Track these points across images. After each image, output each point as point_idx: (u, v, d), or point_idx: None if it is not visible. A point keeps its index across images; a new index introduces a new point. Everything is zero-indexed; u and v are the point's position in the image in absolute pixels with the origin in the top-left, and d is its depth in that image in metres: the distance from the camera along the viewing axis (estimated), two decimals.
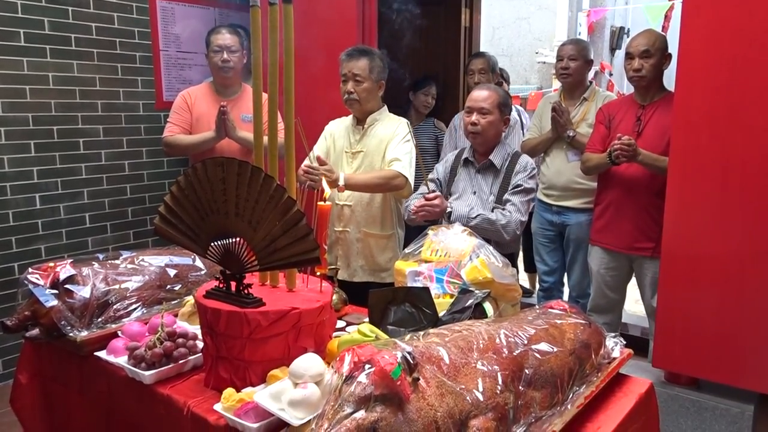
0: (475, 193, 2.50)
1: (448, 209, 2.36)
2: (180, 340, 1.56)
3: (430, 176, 2.65)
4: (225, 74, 3.11)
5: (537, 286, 3.88)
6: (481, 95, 2.47)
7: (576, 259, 3.35)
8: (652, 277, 2.72)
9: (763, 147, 2.14)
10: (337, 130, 2.77)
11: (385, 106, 2.73)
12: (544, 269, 3.50)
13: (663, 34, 2.78)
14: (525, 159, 2.50)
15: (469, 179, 2.54)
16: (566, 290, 3.65)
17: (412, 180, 2.59)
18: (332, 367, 1.02)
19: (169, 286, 1.94)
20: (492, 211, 2.40)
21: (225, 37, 3.08)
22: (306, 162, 2.44)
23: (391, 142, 2.61)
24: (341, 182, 2.44)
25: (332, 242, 2.75)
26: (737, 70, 2.16)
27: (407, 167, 2.57)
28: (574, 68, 3.24)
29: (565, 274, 3.52)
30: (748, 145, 2.17)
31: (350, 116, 2.74)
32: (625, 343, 1.56)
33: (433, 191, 2.41)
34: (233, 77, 3.16)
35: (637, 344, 2.12)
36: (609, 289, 2.92)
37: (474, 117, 2.45)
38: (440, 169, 2.65)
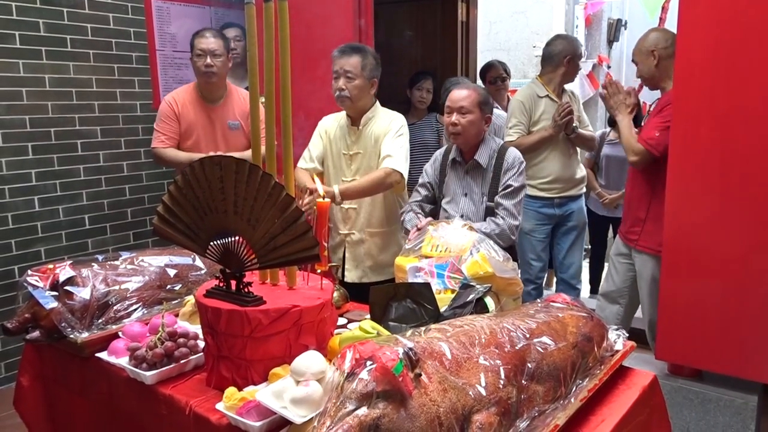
0: (466, 195, 2.47)
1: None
2: (181, 339, 1.55)
3: (421, 181, 2.62)
4: (208, 79, 3.02)
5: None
6: (460, 95, 2.43)
7: (576, 245, 3.45)
8: (638, 269, 2.74)
9: (763, 138, 2.13)
10: (332, 129, 2.74)
11: (377, 102, 2.70)
12: (540, 266, 3.49)
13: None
14: (512, 154, 2.46)
15: (458, 181, 2.51)
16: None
17: (406, 173, 2.57)
18: (334, 364, 1.02)
19: (169, 286, 1.93)
20: (487, 210, 2.40)
21: (209, 41, 2.98)
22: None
23: (385, 137, 2.59)
24: (338, 198, 2.45)
25: (337, 244, 2.74)
26: (736, 60, 2.15)
27: (401, 162, 2.54)
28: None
29: (562, 262, 3.55)
30: (748, 137, 2.16)
31: (343, 114, 2.72)
32: (627, 335, 1.55)
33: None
34: (217, 82, 3.06)
35: (640, 337, 2.12)
36: (618, 274, 2.92)
37: (454, 117, 2.41)
38: (429, 171, 2.61)
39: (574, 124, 3.24)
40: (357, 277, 2.72)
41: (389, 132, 2.60)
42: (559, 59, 3.31)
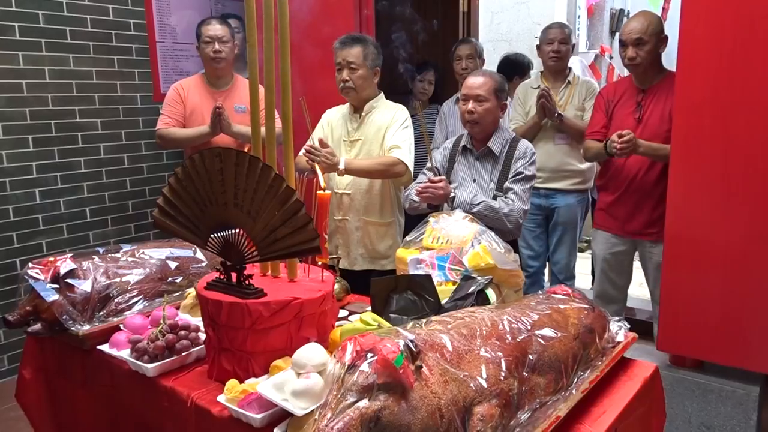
0: (474, 180, 2.47)
1: (452, 194, 2.34)
2: (182, 332, 1.55)
3: (428, 165, 2.63)
4: (216, 65, 3.11)
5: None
6: (476, 82, 2.42)
7: (563, 241, 3.39)
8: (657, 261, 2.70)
9: (765, 129, 2.12)
10: (334, 119, 2.76)
11: (382, 93, 2.71)
12: (530, 254, 3.49)
13: (657, 15, 2.66)
14: (524, 145, 2.47)
15: (468, 167, 2.51)
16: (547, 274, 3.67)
17: (411, 167, 2.58)
18: (335, 356, 1.02)
19: (170, 279, 1.93)
20: (494, 198, 2.39)
21: (216, 28, 3.07)
22: (308, 143, 2.45)
23: (389, 128, 2.59)
24: (341, 166, 2.44)
25: (332, 231, 2.75)
26: (739, 50, 2.14)
27: (407, 154, 2.56)
28: (564, 52, 3.29)
29: (549, 256, 3.53)
30: (750, 127, 2.15)
31: (347, 104, 2.73)
32: (629, 326, 1.55)
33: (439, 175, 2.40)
34: (225, 68, 3.15)
35: (642, 328, 2.12)
36: (614, 273, 2.90)
37: (470, 105, 2.40)
38: (438, 158, 2.62)
39: (556, 111, 3.16)
40: (348, 263, 2.73)
41: (394, 123, 2.60)
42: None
